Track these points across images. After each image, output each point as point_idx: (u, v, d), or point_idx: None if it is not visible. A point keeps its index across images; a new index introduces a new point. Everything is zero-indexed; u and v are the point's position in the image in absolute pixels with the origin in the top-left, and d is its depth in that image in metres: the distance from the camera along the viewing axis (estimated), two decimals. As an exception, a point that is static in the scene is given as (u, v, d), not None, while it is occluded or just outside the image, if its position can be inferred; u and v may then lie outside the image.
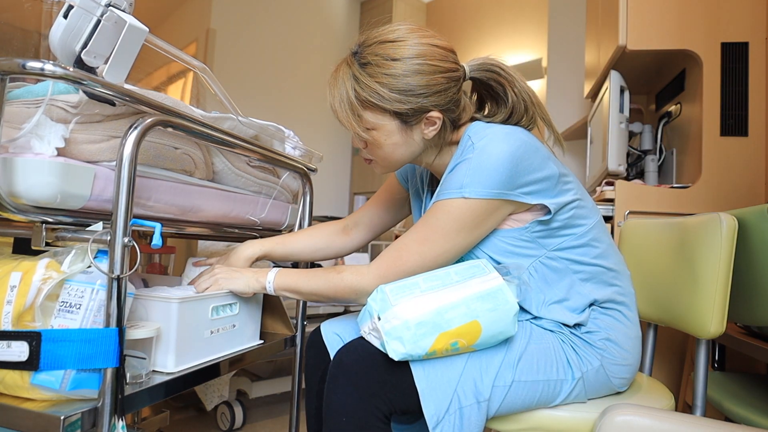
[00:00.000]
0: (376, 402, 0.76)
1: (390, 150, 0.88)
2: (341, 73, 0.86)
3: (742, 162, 1.61)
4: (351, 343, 0.81)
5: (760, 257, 0.95)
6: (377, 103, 0.82)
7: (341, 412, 0.76)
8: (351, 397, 0.76)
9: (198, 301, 0.90)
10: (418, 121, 0.85)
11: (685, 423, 0.74)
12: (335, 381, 0.78)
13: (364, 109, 0.84)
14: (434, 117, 0.85)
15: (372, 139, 0.87)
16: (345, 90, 0.84)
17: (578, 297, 0.87)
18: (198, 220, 0.99)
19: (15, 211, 0.66)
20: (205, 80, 1.09)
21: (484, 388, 0.78)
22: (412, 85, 0.81)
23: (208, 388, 1.83)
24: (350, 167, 4.03)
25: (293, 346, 1.23)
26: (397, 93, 0.81)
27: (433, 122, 0.86)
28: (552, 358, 0.83)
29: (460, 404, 0.76)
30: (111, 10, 0.69)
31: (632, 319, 0.91)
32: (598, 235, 0.90)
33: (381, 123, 0.85)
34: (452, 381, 0.77)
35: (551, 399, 0.83)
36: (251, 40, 3.22)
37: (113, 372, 0.67)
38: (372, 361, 0.78)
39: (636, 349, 0.90)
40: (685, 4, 1.67)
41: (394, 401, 0.77)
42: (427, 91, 0.82)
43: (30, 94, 0.73)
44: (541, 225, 0.86)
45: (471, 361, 0.79)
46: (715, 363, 1.43)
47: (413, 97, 0.82)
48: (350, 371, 0.77)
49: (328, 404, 0.78)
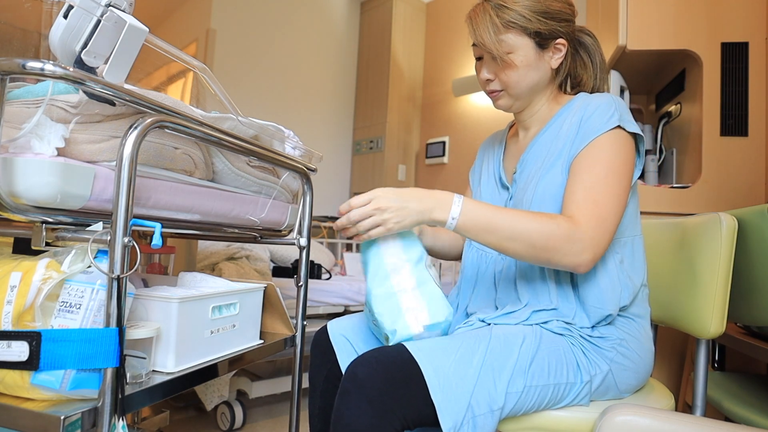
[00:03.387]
0: (390, 418, 0.72)
1: (524, 72, 0.93)
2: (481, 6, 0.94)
3: (742, 162, 1.61)
4: (365, 356, 0.77)
5: (760, 257, 0.95)
6: (521, 24, 0.90)
7: (353, 428, 0.72)
8: (365, 414, 0.72)
9: (198, 300, 0.90)
10: (549, 45, 0.93)
11: (685, 423, 0.74)
12: (348, 395, 0.74)
13: (507, 30, 0.91)
14: (561, 44, 0.94)
15: (509, 61, 0.92)
16: (488, 16, 0.91)
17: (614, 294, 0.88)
18: (198, 220, 0.99)
19: (15, 211, 0.66)
20: (205, 80, 1.09)
21: (497, 396, 0.76)
22: (550, 9, 0.91)
23: (208, 388, 1.83)
24: (350, 167, 4.03)
25: (293, 346, 1.23)
26: (537, 14, 0.90)
27: (560, 50, 0.94)
28: (563, 361, 0.82)
29: (474, 414, 0.74)
30: (111, 10, 0.69)
31: (647, 331, 0.91)
32: (640, 244, 0.94)
33: (520, 44, 0.91)
34: (467, 392, 0.75)
35: (558, 401, 0.83)
36: (251, 40, 3.22)
37: (113, 372, 0.67)
38: (387, 375, 0.74)
39: (648, 359, 0.90)
40: (685, 4, 1.67)
41: (408, 416, 0.74)
42: (559, 17, 0.92)
43: (30, 94, 0.73)
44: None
45: (484, 370, 0.77)
46: (715, 363, 1.43)
47: (549, 20, 0.91)
48: (364, 386, 0.73)
49: (339, 419, 0.73)
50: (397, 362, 0.75)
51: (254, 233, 1.19)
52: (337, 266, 2.85)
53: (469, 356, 0.78)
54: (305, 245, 1.26)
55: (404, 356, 0.76)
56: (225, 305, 0.98)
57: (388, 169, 3.73)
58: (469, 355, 0.78)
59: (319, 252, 2.71)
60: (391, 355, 0.76)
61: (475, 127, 3.42)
